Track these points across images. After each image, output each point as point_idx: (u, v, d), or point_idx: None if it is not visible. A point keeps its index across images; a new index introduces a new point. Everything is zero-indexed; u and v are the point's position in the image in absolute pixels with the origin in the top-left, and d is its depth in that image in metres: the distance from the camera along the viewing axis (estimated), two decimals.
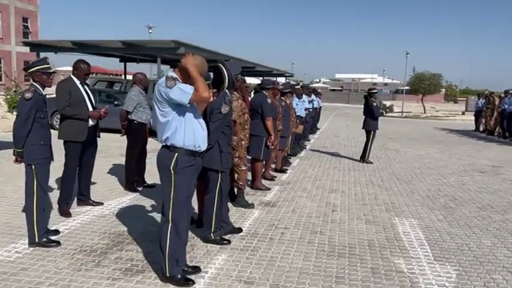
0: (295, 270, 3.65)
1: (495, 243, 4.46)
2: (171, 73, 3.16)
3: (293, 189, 6.63)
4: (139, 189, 6.07)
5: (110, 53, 16.77)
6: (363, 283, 3.46)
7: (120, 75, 34.14)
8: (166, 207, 3.18)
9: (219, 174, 4.07)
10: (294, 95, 9.15)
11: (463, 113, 31.26)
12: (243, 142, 5.12)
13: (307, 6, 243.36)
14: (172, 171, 3.12)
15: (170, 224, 3.19)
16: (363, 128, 9.70)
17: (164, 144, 3.18)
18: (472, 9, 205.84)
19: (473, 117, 21.08)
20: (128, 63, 20.69)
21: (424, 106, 32.46)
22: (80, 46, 13.90)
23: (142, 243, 4.09)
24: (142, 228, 4.51)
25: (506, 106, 15.11)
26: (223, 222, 4.28)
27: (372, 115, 9.48)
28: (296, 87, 9.97)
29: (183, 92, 2.98)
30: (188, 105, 3.05)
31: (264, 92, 6.41)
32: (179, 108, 3.06)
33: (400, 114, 29.64)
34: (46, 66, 3.95)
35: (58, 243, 3.93)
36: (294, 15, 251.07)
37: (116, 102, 12.05)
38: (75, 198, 5.14)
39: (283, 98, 7.75)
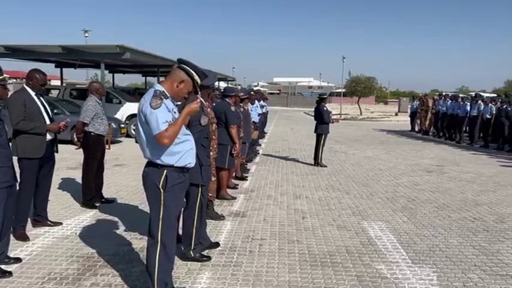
0: (284, 284, 3.57)
1: (461, 243, 4.69)
2: (159, 86, 2.95)
3: (258, 197, 6.57)
4: (98, 205, 5.68)
5: (46, 58, 15.67)
6: None
7: (50, 80, 32.11)
8: (155, 228, 2.97)
9: (199, 189, 3.90)
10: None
11: (396, 114, 33.06)
12: (211, 153, 4.97)
13: (247, 12, 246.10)
14: (161, 190, 2.91)
15: (159, 246, 2.97)
16: (315, 132, 9.86)
17: (151, 161, 2.96)
18: (394, 14, 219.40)
19: (407, 118, 22.40)
20: (64, 69, 19.48)
21: (360, 108, 33.88)
22: (13, 51, 12.81)
23: (117, 265, 3.80)
24: (112, 248, 4.20)
25: (441, 108, 16.17)
26: (202, 238, 4.11)
27: (322, 119, 9.67)
28: (251, 92, 9.92)
29: (156, 124, 2.76)
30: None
31: (227, 100, 6.28)
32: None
33: (339, 116, 30.70)
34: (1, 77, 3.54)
35: (10, 273, 3.51)
36: (233, 19, 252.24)
37: (55, 111, 11.26)
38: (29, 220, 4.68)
39: (241, 104, 7.67)
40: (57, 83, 23.89)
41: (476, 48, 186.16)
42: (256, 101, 10.94)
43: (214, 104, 6.51)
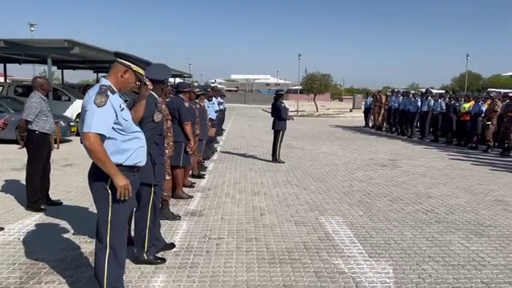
0: (241, 283, 3.48)
1: (415, 235, 4.79)
2: (105, 81, 2.76)
3: (216, 195, 6.44)
4: (44, 208, 5.34)
5: None
6: None
7: None
8: (103, 231, 2.78)
9: (152, 188, 3.72)
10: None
11: (350, 110, 33.87)
12: (166, 151, 4.80)
13: (204, 8, 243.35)
14: (109, 191, 2.73)
15: (108, 251, 2.79)
16: (272, 129, 9.84)
17: None
18: (347, 14, 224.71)
19: (361, 114, 22.97)
20: (8, 65, 18.36)
21: (316, 105, 34.43)
22: None
23: (63, 271, 3.56)
24: (59, 254, 3.94)
25: (393, 104, 16.67)
26: (156, 240, 3.93)
27: (279, 116, 9.67)
28: (208, 89, 9.74)
29: (90, 122, 2.57)
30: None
31: (181, 96, 6.10)
32: (116, 118, 2.69)
33: (296, 113, 31.03)
34: None
35: None
36: (189, 15, 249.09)
37: None
38: None
39: (197, 100, 7.50)
40: (1, 79, 22.52)
41: (426, 47, 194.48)
42: (214, 98, 10.79)
43: (167, 100, 6.32)
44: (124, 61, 2.82)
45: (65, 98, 14.02)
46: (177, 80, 31.53)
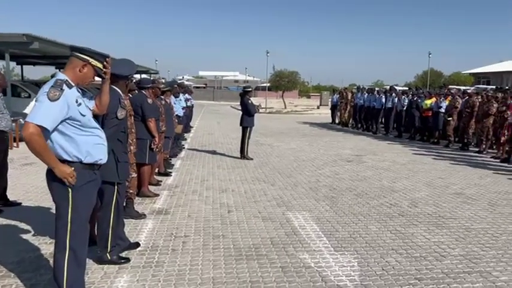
0: (208, 281, 3.45)
1: (380, 228, 4.90)
2: (61, 75, 2.66)
3: (183, 192, 6.36)
4: (1, 208, 5.11)
5: None
6: (278, 284, 3.44)
7: None
8: (62, 232, 2.68)
9: (116, 187, 3.62)
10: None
11: (318, 107, 34.27)
12: (131, 147, 4.70)
13: (171, 4, 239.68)
14: (69, 189, 2.64)
15: (68, 252, 2.69)
16: (240, 125, 9.81)
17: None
18: (314, 12, 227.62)
19: (328, 111, 23.28)
20: None
21: (284, 102, 34.63)
22: None
23: (22, 274, 3.43)
24: (17, 255, 3.78)
25: (358, 101, 16.99)
26: (120, 239, 3.84)
27: (247, 112, 9.65)
28: (174, 85, 9.59)
29: (37, 113, 2.46)
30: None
31: (144, 92, 5.97)
32: (70, 114, 2.59)
33: (265, 110, 31.11)
34: None
35: None
36: (156, 10, 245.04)
37: None
38: None
39: (162, 97, 7.37)
40: None
41: (391, 45, 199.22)
42: (181, 94, 10.65)
43: (131, 96, 6.17)
44: (82, 55, 2.72)
45: (24, 94, 13.47)
46: (144, 76, 30.98)
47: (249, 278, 3.53)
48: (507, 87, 15.62)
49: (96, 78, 3.00)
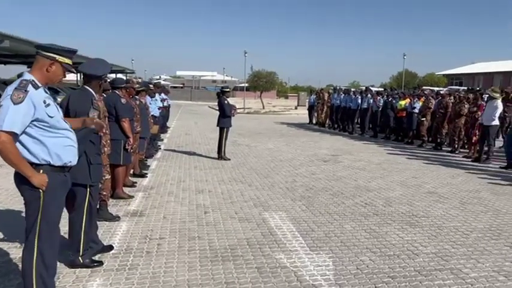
0: (182, 283, 3.42)
1: (354, 227, 4.96)
2: (27, 75, 2.58)
3: (158, 194, 6.29)
4: None
5: None
6: (253, 285, 3.44)
7: None
8: (31, 235, 2.61)
9: (88, 189, 3.55)
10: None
11: (295, 108, 34.46)
12: (105, 149, 4.62)
13: (148, 3, 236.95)
14: (40, 191, 2.57)
15: (36, 254, 2.63)
16: (217, 126, 9.77)
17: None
18: (291, 14, 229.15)
19: (305, 111, 23.45)
20: None
21: (262, 102, 34.70)
22: None
23: None
24: None
25: (335, 101, 17.17)
26: (93, 242, 3.76)
27: (224, 113, 9.62)
28: (149, 85, 9.47)
29: (1, 118, 2.40)
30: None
31: (117, 92, 5.87)
32: (37, 116, 2.52)
33: (243, 110, 31.11)
34: None
35: None
36: (133, 9, 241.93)
37: None
38: None
39: (137, 96, 7.27)
40: None
41: (367, 47, 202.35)
42: (157, 94, 10.53)
43: (104, 96, 6.07)
44: (48, 53, 2.65)
45: None
46: (119, 76, 30.55)
47: (224, 279, 3.52)
48: (478, 88, 16.07)
49: (71, 77, 2.94)
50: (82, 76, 3.73)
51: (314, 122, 20.17)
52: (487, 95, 10.59)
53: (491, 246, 4.42)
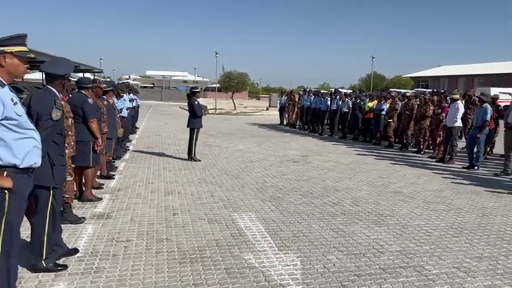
0: (150, 285, 3.38)
1: (322, 227, 5.03)
2: None
3: (126, 195, 6.19)
4: None
5: None
6: (221, 286, 3.44)
7: None
8: None
9: (51, 191, 3.46)
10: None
11: (267, 109, 34.62)
12: (67, 150, 4.51)
13: (115, 2, 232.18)
14: (4, 193, 2.48)
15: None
16: (187, 127, 9.71)
17: None
18: (263, 16, 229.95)
19: (276, 112, 23.60)
20: None
21: (234, 103, 34.69)
22: None
23: None
24: None
25: (305, 103, 17.36)
26: (56, 246, 3.67)
27: (194, 113, 9.57)
28: (117, 85, 9.31)
29: None
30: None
31: (83, 92, 5.75)
32: (6, 114, 2.45)
33: (214, 111, 31.00)
34: None
35: None
36: (99, 6, 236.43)
37: None
38: None
39: (104, 97, 7.13)
40: None
41: (338, 49, 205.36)
42: (125, 94, 10.36)
43: (70, 96, 5.92)
44: None
45: None
46: (87, 75, 29.84)
47: (192, 280, 3.50)
48: (443, 91, 16.60)
49: (36, 77, 2.85)
50: (44, 76, 3.62)
51: (285, 123, 20.32)
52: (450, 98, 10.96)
53: (453, 244, 4.58)
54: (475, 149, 9.38)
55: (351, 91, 20.96)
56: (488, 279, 3.72)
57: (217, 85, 35.76)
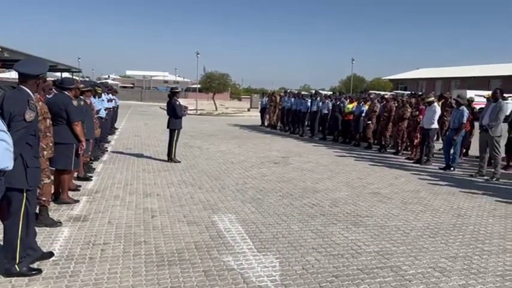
0: None
1: (302, 228, 5.06)
2: None
3: (103, 198, 6.09)
4: None
5: None
6: None
7: None
8: None
9: (24, 194, 3.37)
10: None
11: (248, 110, 34.63)
12: (45, 152, 4.43)
13: (94, 2, 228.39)
14: None
15: None
16: (167, 128, 9.63)
17: None
18: (244, 17, 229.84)
19: (258, 113, 23.62)
20: None
21: (215, 104, 34.59)
22: None
23: None
24: None
25: (286, 104, 17.43)
26: (30, 249, 3.59)
27: (174, 114, 9.50)
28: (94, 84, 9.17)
29: None
30: None
31: (67, 93, 5.63)
32: None
33: (195, 112, 30.84)
34: None
35: None
36: (78, 4, 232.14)
37: None
38: None
39: (82, 97, 7.01)
40: None
41: (318, 51, 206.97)
42: (104, 94, 10.21)
43: (50, 97, 5.80)
44: None
45: None
46: (65, 75, 29.31)
47: (170, 284, 3.47)
48: (420, 93, 16.90)
49: (12, 76, 2.78)
50: (17, 76, 3.54)
51: (266, 124, 20.36)
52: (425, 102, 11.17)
53: (429, 244, 4.67)
54: (452, 151, 9.57)
55: (331, 93, 21.14)
56: (462, 278, 3.80)
57: (198, 85, 35.57)
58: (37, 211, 4.59)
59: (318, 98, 15.67)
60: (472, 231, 5.17)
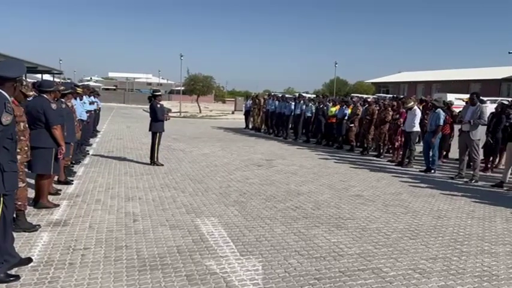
0: None
1: (284, 231, 5.07)
2: None
3: (84, 202, 6.01)
4: None
5: None
6: None
7: None
8: None
9: (1, 199, 3.30)
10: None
11: (232, 112, 34.60)
12: (19, 156, 4.34)
13: (76, 3, 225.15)
14: None
15: None
16: (149, 131, 9.55)
17: None
18: (229, 19, 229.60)
19: (242, 116, 23.63)
20: None
21: (199, 106, 34.46)
22: None
23: None
24: None
25: (270, 107, 17.48)
26: (8, 255, 3.51)
27: (156, 117, 9.43)
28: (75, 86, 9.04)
29: None
30: None
31: (45, 96, 5.54)
32: None
33: (179, 114, 30.68)
34: None
35: None
36: (61, 6, 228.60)
37: None
38: None
39: (63, 99, 6.91)
40: None
41: (302, 54, 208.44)
42: (85, 97, 10.10)
43: (29, 100, 5.70)
44: None
45: None
46: (46, 77, 28.82)
47: None
48: (402, 97, 17.14)
49: None
50: None
51: (250, 126, 20.38)
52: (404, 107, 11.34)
53: (409, 246, 4.73)
54: (430, 153, 9.73)
55: (315, 96, 21.28)
56: (441, 279, 3.86)
57: (182, 88, 35.37)
58: (15, 215, 4.52)
59: (302, 101, 15.76)
60: (451, 233, 5.27)
